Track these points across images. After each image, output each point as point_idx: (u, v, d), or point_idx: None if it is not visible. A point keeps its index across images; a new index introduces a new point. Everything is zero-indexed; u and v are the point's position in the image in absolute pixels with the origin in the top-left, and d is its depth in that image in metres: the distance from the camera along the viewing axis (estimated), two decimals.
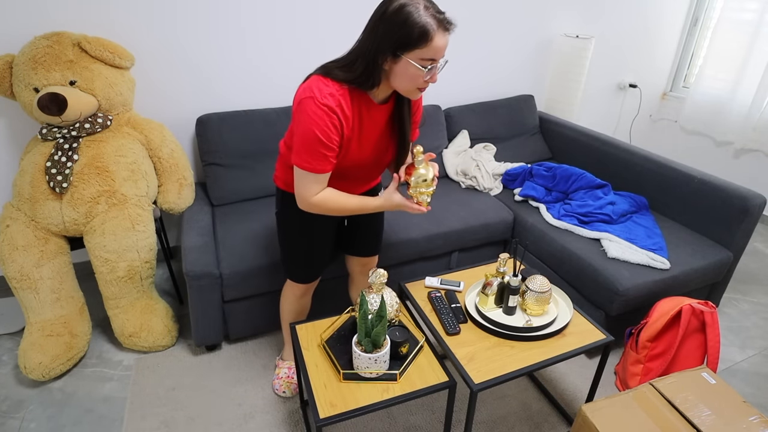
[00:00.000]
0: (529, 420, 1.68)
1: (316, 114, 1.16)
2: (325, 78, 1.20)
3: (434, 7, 1.13)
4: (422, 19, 1.09)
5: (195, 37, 2.11)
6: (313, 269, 1.58)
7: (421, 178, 1.30)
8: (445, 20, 1.13)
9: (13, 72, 1.76)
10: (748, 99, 2.91)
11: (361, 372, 1.25)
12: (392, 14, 1.10)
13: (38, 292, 1.74)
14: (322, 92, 1.17)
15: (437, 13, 1.12)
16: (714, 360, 1.64)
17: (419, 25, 1.09)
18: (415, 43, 1.11)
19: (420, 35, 1.10)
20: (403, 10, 1.09)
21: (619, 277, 1.77)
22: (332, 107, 1.17)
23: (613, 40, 3.09)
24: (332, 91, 1.18)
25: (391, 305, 1.35)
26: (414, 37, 1.10)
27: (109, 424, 1.63)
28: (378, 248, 1.72)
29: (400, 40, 1.11)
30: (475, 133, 2.66)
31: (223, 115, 2.15)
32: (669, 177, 2.18)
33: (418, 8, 1.09)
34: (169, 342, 1.93)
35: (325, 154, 1.21)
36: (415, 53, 1.13)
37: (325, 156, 1.22)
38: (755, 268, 2.61)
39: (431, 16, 1.10)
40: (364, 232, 1.65)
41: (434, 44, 1.12)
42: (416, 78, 1.17)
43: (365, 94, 1.25)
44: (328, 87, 1.18)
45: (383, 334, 1.23)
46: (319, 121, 1.17)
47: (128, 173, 1.83)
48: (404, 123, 1.35)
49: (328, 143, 1.20)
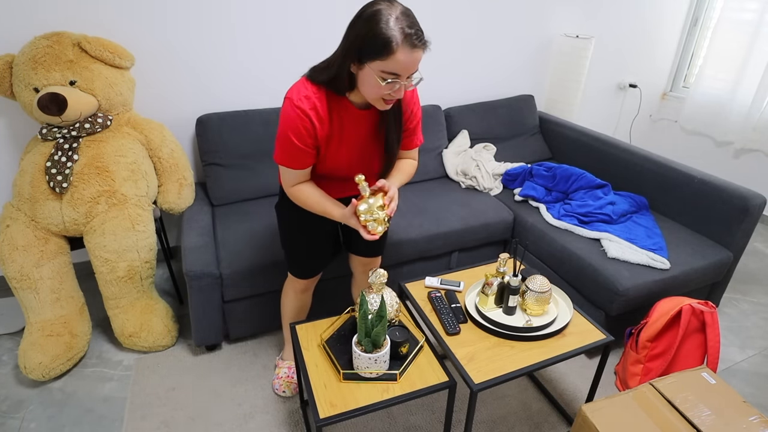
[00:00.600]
0: (529, 420, 1.68)
1: (289, 115, 1.21)
2: (307, 80, 1.22)
3: (408, 21, 1.09)
4: (387, 31, 1.06)
5: (195, 38, 2.11)
6: (312, 264, 1.58)
7: (367, 212, 1.25)
8: (412, 36, 1.08)
9: (13, 72, 1.76)
10: (748, 99, 2.91)
11: (361, 372, 1.25)
12: (363, 20, 1.09)
13: (38, 292, 1.74)
14: (299, 94, 1.20)
15: (408, 27, 1.08)
16: (714, 360, 1.63)
17: (383, 36, 1.06)
18: (376, 54, 1.09)
19: (382, 46, 1.07)
20: (374, 18, 1.07)
21: (619, 277, 1.77)
22: (305, 110, 1.20)
23: (613, 40, 3.09)
24: (309, 93, 1.20)
25: (391, 305, 1.35)
26: (376, 47, 1.08)
27: (109, 424, 1.63)
28: (381, 250, 1.71)
29: (364, 48, 1.10)
30: (475, 133, 2.66)
31: (223, 115, 2.15)
32: (669, 177, 2.18)
33: (389, 19, 1.07)
34: (169, 342, 1.93)
35: (299, 152, 1.25)
36: (377, 64, 1.10)
37: (299, 154, 1.26)
38: (755, 268, 2.61)
39: (399, 30, 1.06)
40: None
41: (396, 58, 1.08)
42: (378, 89, 1.14)
43: (343, 98, 1.25)
44: (306, 89, 1.21)
45: (383, 334, 1.23)
46: (292, 123, 1.21)
47: (128, 173, 1.83)
48: (389, 131, 1.32)
49: (300, 143, 1.23)
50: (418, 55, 1.11)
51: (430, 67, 2.65)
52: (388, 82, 1.12)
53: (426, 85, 2.69)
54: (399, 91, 1.17)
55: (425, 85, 2.68)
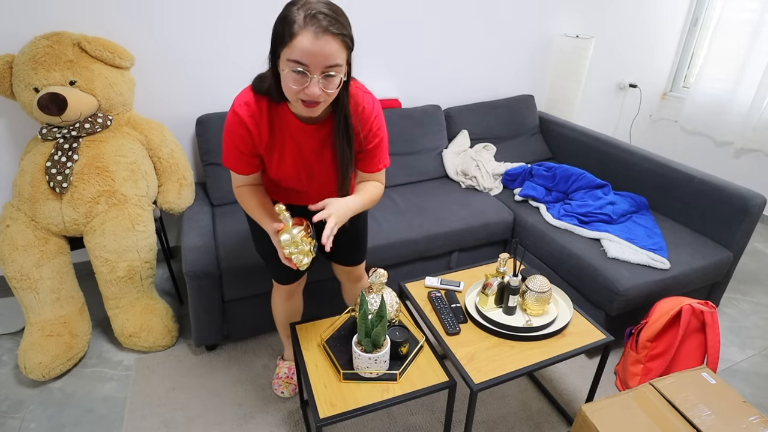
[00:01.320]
0: (529, 420, 1.68)
1: (228, 121, 1.19)
2: (251, 88, 1.19)
3: (322, 6, 1.01)
4: (292, 15, 1.00)
5: (195, 38, 2.11)
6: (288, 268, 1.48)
7: (290, 243, 1.18)
8: (318, 19, 0.99)
9: (13, 72, 1.76)
10: (748, 99, 2.91)
11: (361, 372, 1.25)
12: (281, 13, 1.05)
13: (38, 292, 1.74)
14: (240, 100, 1.18)
15: (318, 12, 0.99)
16: (714, 360, 1.63)
17: (287, 20, 1.01)
18: (281, 40, 1.03)
19: (284, 31, 1.01)
20: (287, 7, 1.03)
21: (619, 277, 1.77)
22: (242, 117, 1.17)
23: (613, 40, 3.09)
24: (249, 100, 1.17)
25: (391, 305, 1.35)
26: (281, 34, 1.02)
27: (109, 424, 1.63)
28: (359, 258, 1.61)
29: (275, 38, 1.05)
30: (475, 133, 2.66)
31: (223, 115, 2.15)
32: (669, 177, 2.18)
33: (299, 7, 1.01)
34: (169, 342, 1.93)
35: (238, 157, 1.24)
36: (285, 53, 1.03)
37: (238, 159, 1.24)
38: (755, 268, 2.61)
39: (305, 12, 0.99)
40: (343, 240, 1.45)
41: (297, 43, 0.99)
42: (290, 83, 1.05)
43: (285, 110, 1.19)
44: (248, 96, 1.18)
45: (383, 334, 1.23)
46: (229, 128, 1.19)
47: (128, 173, 1.83)
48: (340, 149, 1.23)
49: (236, 149, 1.22)
50: (326, 43, 1.00)
51: (431, 67, 2.65)
52: (296, 72, 1.02)
53: (426, 85, 2.69)
54: (311, 86, 1.04)
55: (425, 85, 2.68)
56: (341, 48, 1.03)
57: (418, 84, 2.66)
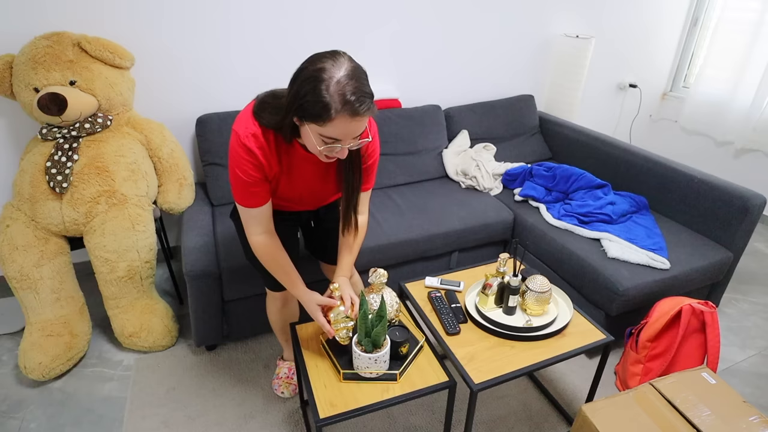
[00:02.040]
0: (529, 420, 1.68)
1: (236, 152, 1.14)
2: (254, 117, 1.14)
3: (352, 85, 0.98)
4: (326, 96, 0.97)
5: (195, 38, 2.11)
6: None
7: (341, 315, 1.28)
8: (354, 104, 0.98)
9: (13, 72, 1.76)
10: (748, 99, 2.91)
11: (361, 372, 1.25)
12: (304, 79, 1.00)
13: (38, 292, 1.74)
14: (246, 131, 1.13)
15: (351, 93, 0.97)
16: (714, 360, 1.63)
17: (321, 101, 0.97)
18: (313, 118, 1.01)
19: (319, 112, 0.99)
20: (315, 77, 0.98)
21: (619, 277, 1.77)
22: (251, 149, 1.13)
23: (613, 40, 3.09)
24: (255, 132, 1.13)
25: (391, 305, 1.35)
26: (314, 111, 0.99)
27: (109, 424, 1.63)
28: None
29: (302, 108, 1.02)
30: (475, 133, 2.66)
31: (223, 115, 2.15)
32: (669, 177, 2.18)
33: (330, 82, 0.97)
34: (169, 342, 1.93)
35: (248, 190, 1.19)
36: (316, 127, 1.02)
37: (249, 192, 1.19)
38: (755, 268, 2.61)
39: (339, 96, 0.97)
40: (333, 239, 1.50)
41: (333, 126, 1.00)
42: (318, 147, 1.07)
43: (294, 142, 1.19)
44: (254, 127, 1.13)
45: (383, 334, 1.23)
46: (239, 159, 1.15)
47: (128, 173, 1.83)
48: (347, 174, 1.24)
49: (248, 180, 1.17)
50: (359, 123, 1.03)
51: (431, 67, 2.65)
52: (327, 145, 1.05)
53: (426, 85, 2.69)
54: (341, 152, 1.09)
55: (425, 85, 2.68)
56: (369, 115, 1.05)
57: (418, 84, 2.66)
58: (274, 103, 1.13)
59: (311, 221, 1.63)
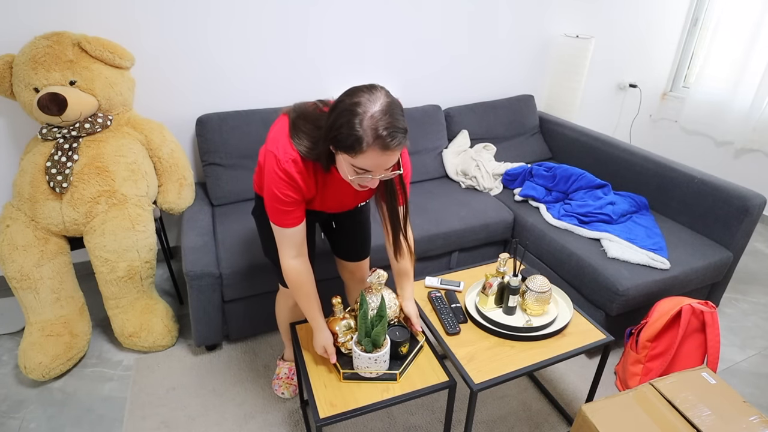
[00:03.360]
0: (529, 420, 1.68)
1: (276, 175, 1.16)
2: (291, 142, 1.16)
3: (386, 120, 1.01)
4: (359, 130, 1.00)
5: (195, 37, 2.11)
6: None
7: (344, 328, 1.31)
8: (386, 138, 1.00)
9: (13, 72, 1.76)
10: (748, 99, 2.91)
11: (361, 372, 1.25)
12: (340, 111, 1.03)
13: (38, 292, 1.74)
14: (285, 156, 1.15)
15: (384, 127, 1.00)
16: (714, 360, 1.63)
17: (354, 134, 1.00)
18: (345, 149, 1.04)
19: (352, 144, 1.02)
20: (350, 111, 1.01)
21: (619, 277, 1.77)
22: (291, 174, 1.16)
23: (613, 40, 3.09)
24: (295, 158, 1.16)
25: (389, 306, 1.35)
26: (346, 143, 1.02)
27: (109, 424, 1.63)
28: (361, 255, 1.66)
29: (336, 140, 1.05)
30: (475, 133, 2.66)
31: (223, 115, 2.15)
32: (669, 177, 2.18)
33: (364, 116, 1.00)
34: (169, 342, 1.93)
35: (286, 210, 1.21)
36: (348, 158, 1.06)
37: (286, 212, 1.22)
38: (755, 268, 2.61)
39: (372, 130, 1.00)
40: (350, 237, 1.61)
41: (364, 158, 1.03)
42: (350, 177, 1.10)
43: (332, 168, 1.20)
44: (291, 153, 1.16)
45: (383, 334, 1.23)
46: (279, 183, 1.17)
47: (128, 173, 1.83)
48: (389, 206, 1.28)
49: (286, 200, 1.19)
50: (390, 156, 1.05)
51: (431, 67, 2.65)
52: (358, 175, 1.09)
53: (426, 85, 2.69)
54: (372, 182, 1.12)
55: (425, 85, 2.68)
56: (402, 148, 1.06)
57: (419, 84, 2.66)
58: (308, 130, 1.16)
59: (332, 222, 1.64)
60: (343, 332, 1.30)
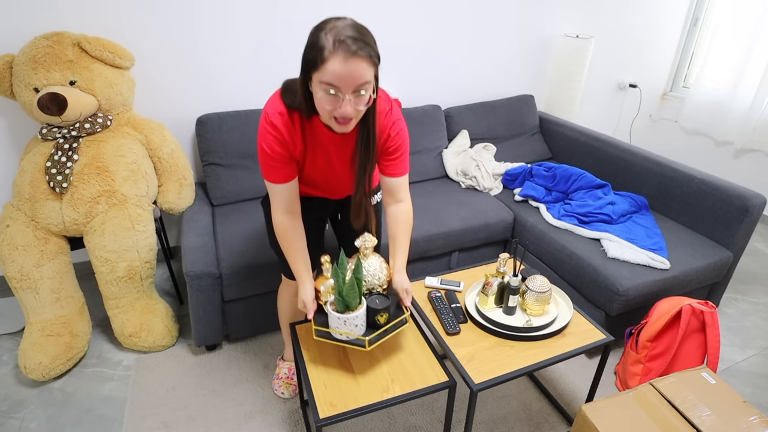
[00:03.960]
0: (529, 420, 1.68)
1: (264, 129, 1.22)
2: (280, 98, 1.21)
3: (350, 31, 1.04)
4: (322, 40, 1.04)
5: (195, 37, 2.11)
6: None
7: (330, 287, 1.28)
8: (347, 42, 1.02)
9: (13, 72, 1.76)
10: (748, 99, 2.91)
11: (332, 332, 1.24)
12: (310, 35, 1.08)
13: (38, 292, 1.74)
14: (273, 110, 1.21)
15: (347, 36, 1.03)
16: (714, 360, 1.64)
17: (317, 45, 1.04)
18: (313, 65, 1.06)
19: (315, 57, 1.05)
20: (317, 29, 1.07)
21: (619, 277, 1.77)
22: (277, 126, 1.20)
23: (613, 40, 3.09)
24: (282, 110, 1.20)
25: (375, 275, 1.30)
26: (313, 57, 1.06)
27: (109, 424, 1.63)
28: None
29: (306, 61, 1.08)
30: (475, 133, 2.67)
31: (223, 115, 2.15)
32: (669, 177, 2.18)
33: (328, 31, 1.04)
34: (169, 342, 1.93)
35: (273, 165, 1.25)
36: (317, 75, 1.07)
37: (273, 167, 1.25)
38: (755, 268, 2.61)
39: (334, 37, 1.03)
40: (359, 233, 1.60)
41: (328, 67, 1.04)
42: (323, 103, 1.10)
43: (316, 121, 1.22)
44: (279, 106, 1.21)
45: (355, 297, 1.20)
46: (267, 137, 1.22)
47: (128, 173, 1.83)
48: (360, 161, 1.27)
49: (273, 155, 1.23)
50: (356, 65, 1.04)
51: (431, 67, 2.65)
52: (329, 93, 1.08)
53: (426, 85, 2.69)
54: (344, 105, 1.09)
55: (425, 85, 2.68)
56: (369, 66, 1.07)
57: (418, 84, 2.66)
58: (294, 84, 1.20)
59: (339, 214, 1.65)
60: (328, 291, 1.28)
